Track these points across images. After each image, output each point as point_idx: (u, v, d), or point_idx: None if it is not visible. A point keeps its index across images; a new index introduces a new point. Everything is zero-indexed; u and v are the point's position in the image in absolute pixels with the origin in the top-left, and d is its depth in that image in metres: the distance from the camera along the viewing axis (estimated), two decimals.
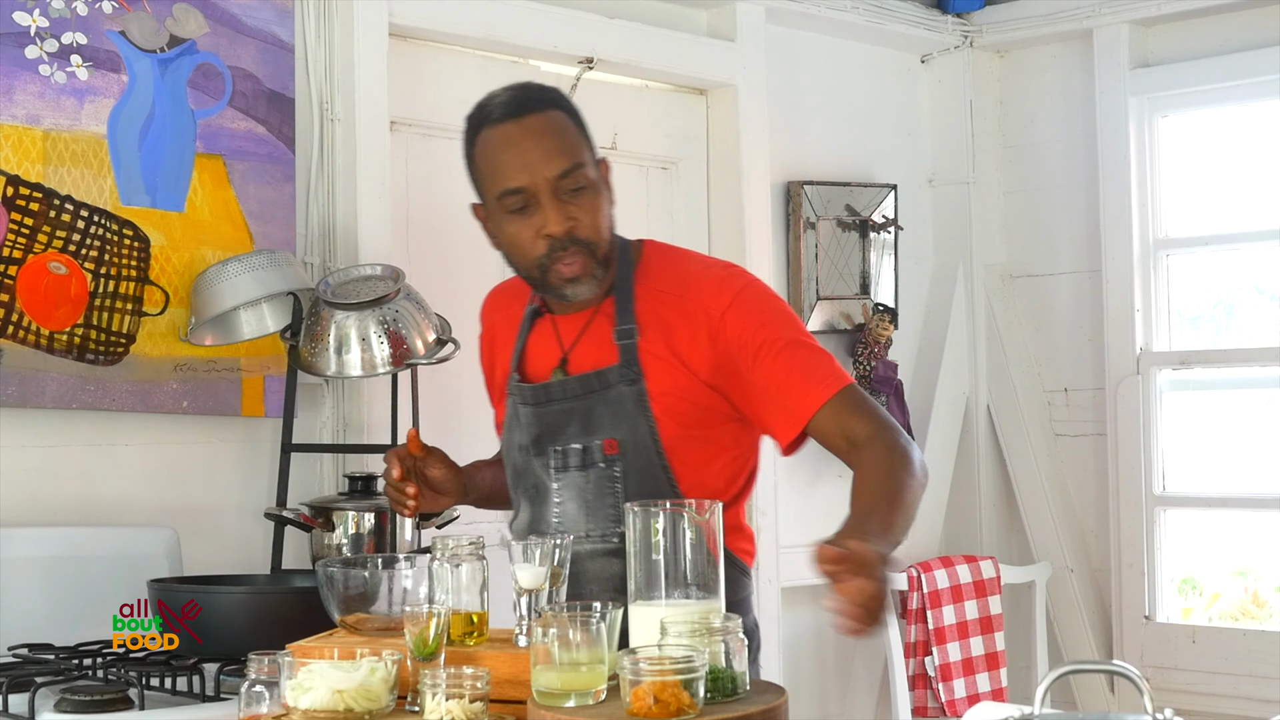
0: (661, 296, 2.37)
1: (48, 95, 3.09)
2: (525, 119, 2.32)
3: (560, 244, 2.30)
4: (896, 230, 4.85)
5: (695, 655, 1.74)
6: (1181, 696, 4.45)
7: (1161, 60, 4.76)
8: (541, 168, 2.29)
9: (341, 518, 3.20)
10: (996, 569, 4.74)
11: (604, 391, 2.35)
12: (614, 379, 2.34)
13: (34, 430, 3.09)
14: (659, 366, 2.33)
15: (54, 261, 3.08)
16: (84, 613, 2.90)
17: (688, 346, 2.32)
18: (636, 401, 2.33)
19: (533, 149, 2.30)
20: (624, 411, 2.33)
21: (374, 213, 3.60)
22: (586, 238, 2.31)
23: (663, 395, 2.33)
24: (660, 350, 2.33)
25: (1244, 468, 4.74)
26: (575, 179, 2.30)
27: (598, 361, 2.37)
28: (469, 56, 3.96)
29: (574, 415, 2.37)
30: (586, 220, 2.31)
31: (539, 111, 2.33)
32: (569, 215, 2.30)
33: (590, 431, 2.35)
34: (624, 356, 2.34)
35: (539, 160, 2.30)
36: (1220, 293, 4.84)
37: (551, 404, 2.39)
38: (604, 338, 2.37)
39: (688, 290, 2.35)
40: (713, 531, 1.96)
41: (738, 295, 2.33)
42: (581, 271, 2.32)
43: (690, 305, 2.34)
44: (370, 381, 3.45)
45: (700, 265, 2.45)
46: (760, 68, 4.49)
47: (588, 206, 2.32)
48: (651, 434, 2.32)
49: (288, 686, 1.86)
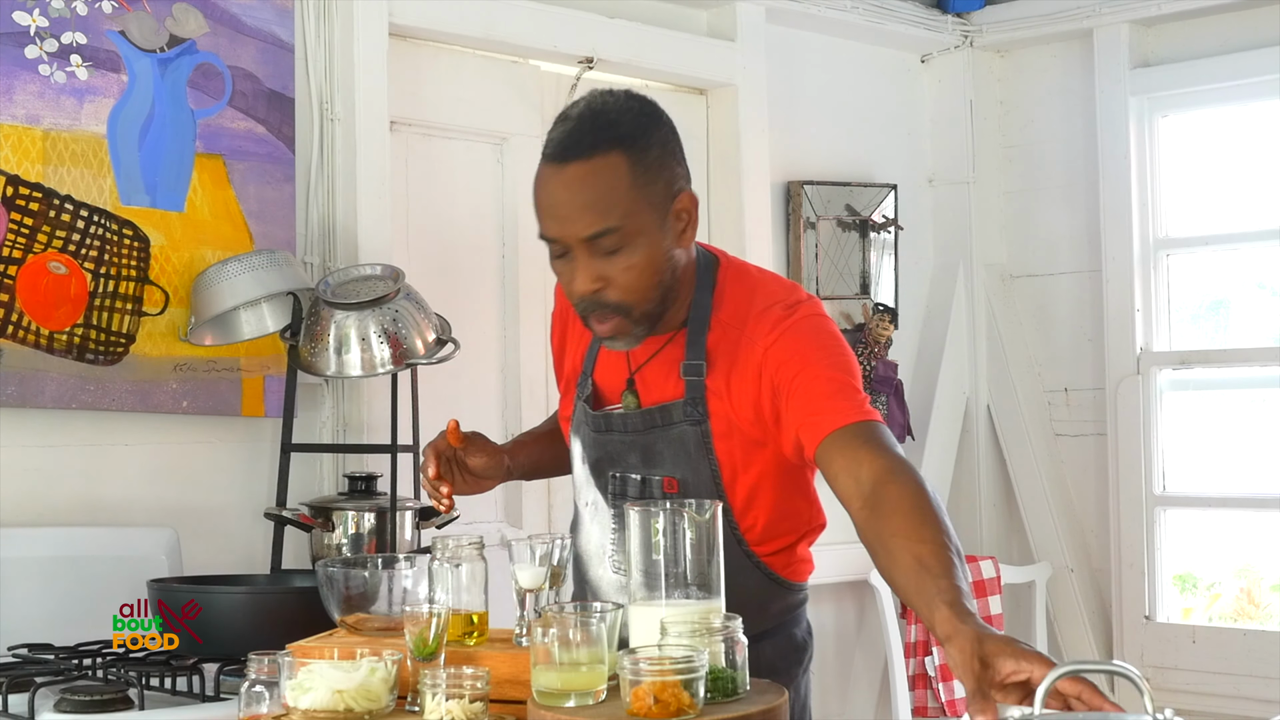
0: (727, 331, 2.23)
1: (47, 95, 3.09)
2: (568, 166, 2.11)
3: (588, 305, 2.16)
4: (896, 230, 4.85)
5: (695, 655, 1.74)
6: (1181, 696, 4.45)
7: (1161, 60, 4.76)
8: (570, 225, 2.11)
9: (341, 518, 3.20)
10: (996, 569, 4.74)
11: (666, 429, 2.23)
12: (677, 416, 2.22)
13: (34, 430, 3.09)
14: (724, 404, 2.21)
15: (54, 261, 3.08)
16: (84, 613, 2.90)
17: (753, 383, 2.18)
18: (700, 442, 2.21)
19: (564, 204, 2.11)
20: (685, 451, 2.22)
21: (374, 213, 3.59)
22: (618, 300, 2.14)
23: (726, 435, 2.21)
24: (726, 385, 2.21)
25: (1244, 467, 4.74)
26: (608, 242, 2.11)
27: (663, 395, 2.25)
28: (469, 56, 3.96)
29: (635, 447, 2.26)
30: (621, 281, 2.12)
31: (585, 158, 2.10)
32: (599, 275, 2.12)
33: (650, 465, 2.25)
34: (690, 394, 2.21)
35: (569, 217, 2.11)
36: (1220, 292, 4.84)
37: (611, 434, 2.28)
38: (672, 368, 2.24)
39: (746, 327, 2.21)
40: (713, 531, 1.96)
41: (784, 332, 2.18)
42: (615, 331, 2.17)
43: (745, 342, 2.21)
44: (370, 381, 3.45)
45: (764, 300, 2.25)
46: (760, 68, 4.49)
47: (625, 267, 2.12)
48: (714, 475, 2.22)
49: (288, 686, 1.86)
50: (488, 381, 3.96)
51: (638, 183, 2.11)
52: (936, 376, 4.95)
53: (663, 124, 2.19)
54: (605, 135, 2.11)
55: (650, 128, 2.16)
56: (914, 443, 4.84)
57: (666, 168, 2.16)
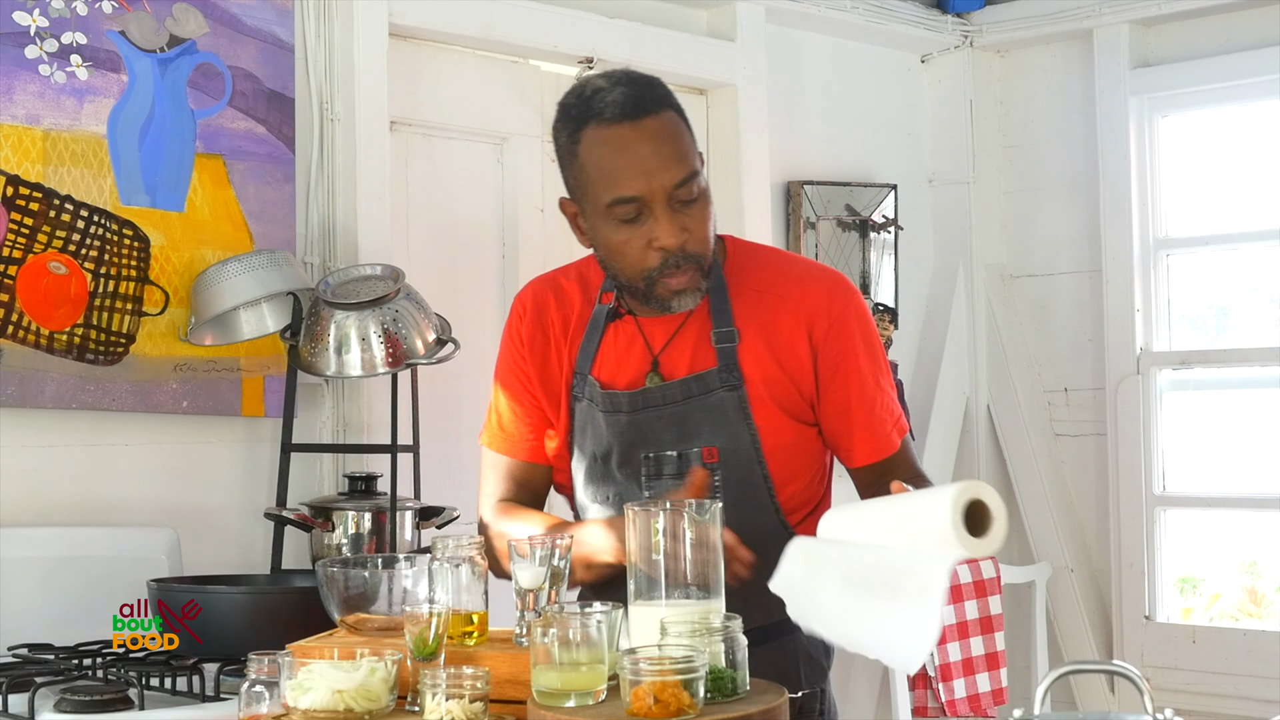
0: (764, 297, 2.28)
1: (48, 95, 3.09)
2: (643, 121, 2.17)
3: (673, 258, 2.18)
4: (896, 230, 4.85)
5: (695, 655, 1.74)
6: (1182, 696, 4.45)
7: (1161, 60, 4.76)
8: (659, 176, 2.16)
9: (341, 518, 3.20)
10: (996, 569, 4.71)
11: (703, 397, 2.25)
12: (714, 384, 2.25)
13: (34, 430, 3.09)
14: (759, 370, 2.25)
15: (54, 261, 3.08)
16: (84, 613, 2.90)
17: (788, 349, 2.26)
18: (738, 408, 2.24)
19: (650, 156, 2.16)
20: (725, 418, 2.24)
21: (374, 213, 3.59)
22: (697, 251, 2.20)
23: (762, 401, 2.25)
24: (760, 353, 2.25)
25: (1244, 467, 4.74)
26: (689, 189, 2.18)
27: (693, 365, 2.27)
28: (469, 56, 3.96)
29: (671, 422, 2.26)
30: (698, 232, 2.19)
31: (655, 113, 2.19)
32: (682, 227, 2.18)
33: (687, 438, 2.25)
34: (723, 360, 2.25)
35: (657, 168, 2.16)
36: (1220, 292, 4.84)
37: (647, 410, 2.27)
38: (700, 340, 2.27)
39: (793, 293, 2.28)
40: (713, 531, 1.96)
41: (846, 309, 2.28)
42: (689, 284, 2.21)
43: (795, 306, 2.27)
44: (370, 381, 3.45)
45: (801, 268, 2.37)
46: (760, 68, 4.49)
47: (699, 217, 2.20)
48: (754, 442, 2.25)
49: (288, 686, 1.86)
50: (488, 381, 3.94)
51: (693, 140, 2.24)
52: (936, 376, 4.95)
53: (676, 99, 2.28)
54: (657, 96, 2.22)
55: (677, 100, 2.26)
56: (914, 443, 4.83)
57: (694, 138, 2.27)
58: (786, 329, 2.26)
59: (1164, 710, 1.63)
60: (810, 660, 2.34)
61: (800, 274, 2.33)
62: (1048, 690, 1.74)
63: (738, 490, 2.24)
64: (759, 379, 2.25)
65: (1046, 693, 1.75)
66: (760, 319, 2.27)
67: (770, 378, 2.25)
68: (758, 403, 2.25)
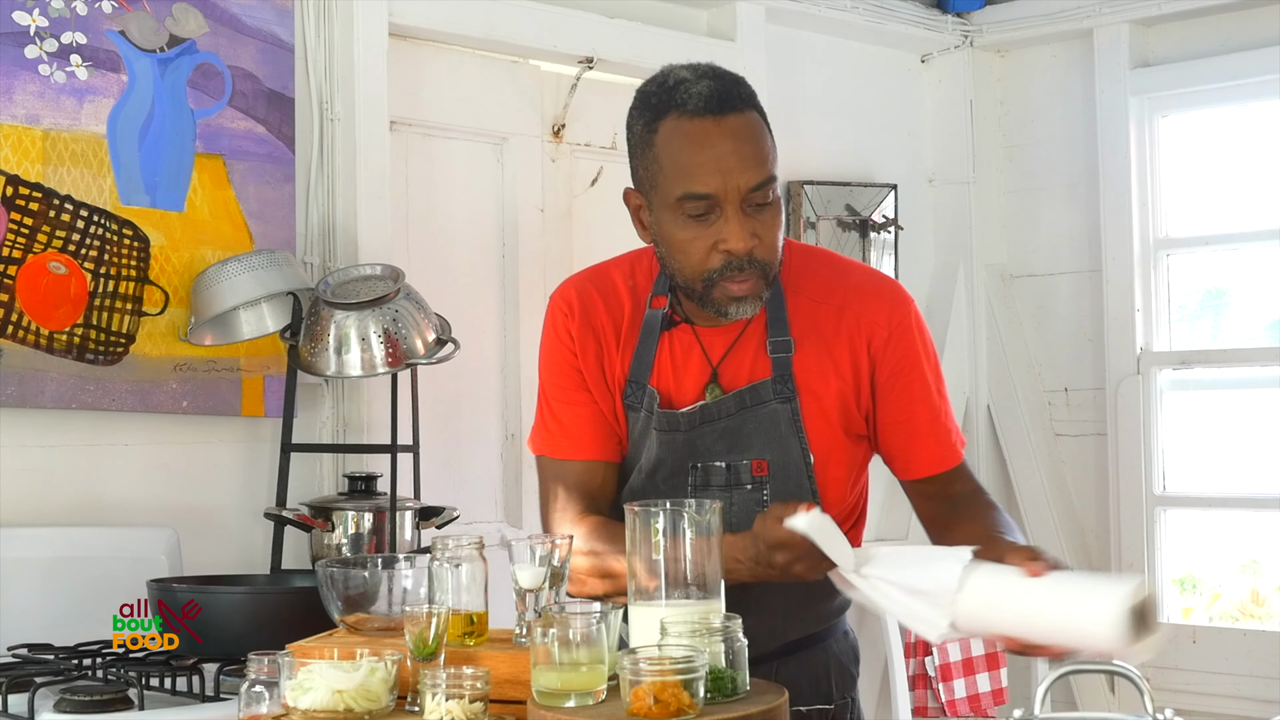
0: (820, 307, 2.23)
1: (47, 95, 3.09)
2: (728, 118, 2.11)
3: (738, 262, 2.11)
4: (896, 230, 4.85)
5: (695, 655, 1.74)
6: (1182, 696, 4.45)
7: (1161, 60, 4.76)
8: (736, 176, 2.09)
9: (341, 518, 3.20)
10: None
11: (756, 409, 2.20)
12: (767, 395, 2.20)
13: (34, 430, 3.09)
14: (815, 381, 2.20)
15: (54, 261, 3.08)
16: (84, 613, 2.90)
17: (847, 358, 2.22)
18: (790, 421, 2.19)
19: (731, 154, 2.09)
20: (776, 431, 2.19)
21: (374, 213, 3.60)
22: (764, 258, 2.12)
23: (815, 413, 2.20)
24: (817, 363, 2.21)
25: (1244, 467, 4.74)
26: (765, 193, 2.11)
27: (749, 376, 2.21)
28: (469, 56, 3.96)
29: (724, 435, 2.21)
30: (768, 239, 2.12)
31: (740, 111, 2.13)
32: (753, 232, 2.10)
33: (738, 450, 2.21)
34: (778, 371, 2.20)
35: (736, 168, 2.09)
36: (1220, 293, 4.84)
37: (704, 426, 2.21)
38: (756, 350, 2.22)
39: (852, 303, 2.23)
40: (713, 531, 1.96)
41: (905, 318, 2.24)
42: (751, 292, 2.13)
43: (854, 316, 2.22)
44: (370, 381, 3.45)
45: (860, 276, 2.31)
46: (760, 68, 4.48)
47: (770, 224, 2.13)
48: (804, 455, 2.20)
49: (288, 686, 1.86)
50: (488, 381, 3.96)
51: (774, 145, 2.16)
52: None
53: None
54: (743, 94, 2.16)
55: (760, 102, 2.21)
56: None
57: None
58: (846, 339, 2.22)
59: (1164, 710, 1.63)
60: (841, 669, 2.32)
61: (859, 283, 2.27)
62: (1048, 690, 1.74)
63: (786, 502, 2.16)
64: (814, 390, 2.20)
65: (1046, 693, 1.75)
66: (818, 328, 2.22)
67: (826, 388, 2.21)
68: (810, 415, 2.20)
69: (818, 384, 2.20)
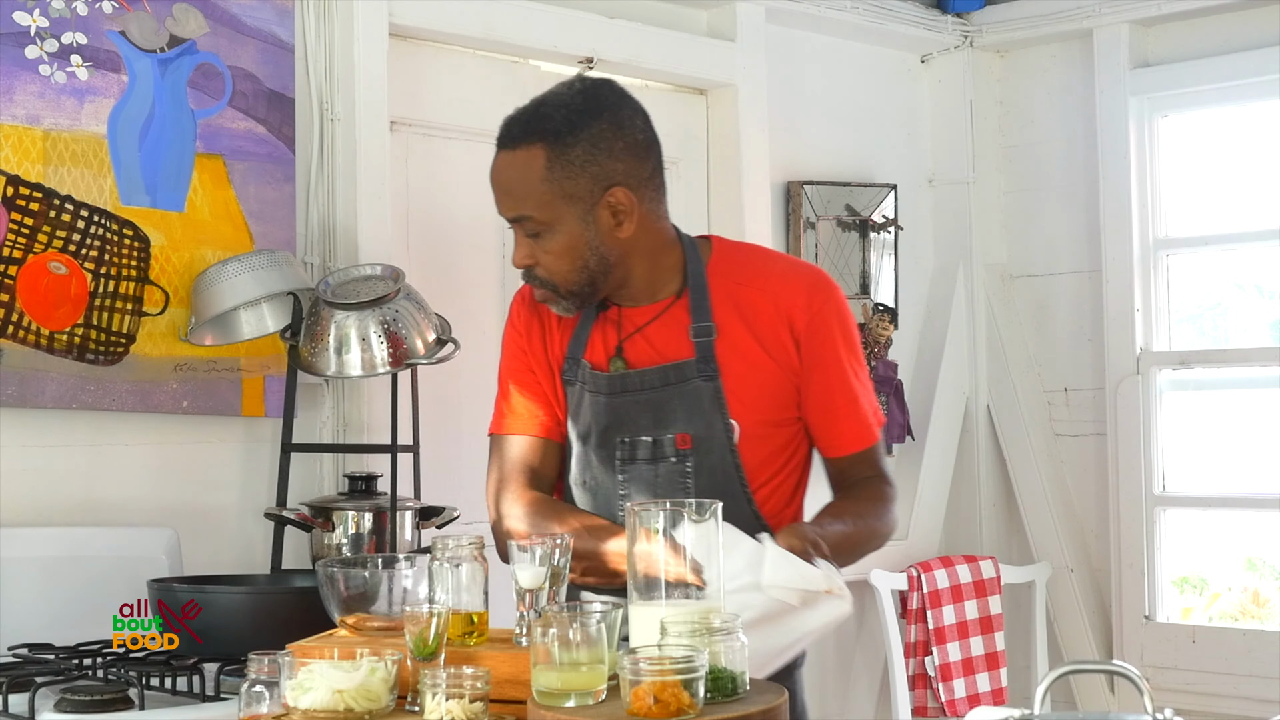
0: (745, 291, 2.38)
1: (48, 95, 3.09)
2: (500, 154, 2.34)
3: (524, 276, 2.39)
4: (896, 230, 4.85)
5: (695, 655, 1.74)
6: (1181, 696, 4.45)
7: (1161, 60, 4.76)
8: (500, 206, 2.35)
9: (341, 518, 3.20)
10: (996, 569, 4.74)
11: (680, 385, 2.34)
12: (691, 373, 2.34)
13: (34, 430, 3.09)
14: (739, 364, 2.35)
15: (54, 261, 3.08)
16: (84, 613, 2.90)
17: (773, 339, 2.35)
18: (713, 398, 2.33)
19: (496, 187, 2.35)
20: (699, 407, 2.32)
21: (374, 213, 3.59)
22: (543, 277, 2.35)
23: (739, 392, 2.34)
24: (743, 345, 2.35)
25: (1244, 467, 4.74)
26: (528, 227, 2.32)
27: (670, 355, 2.36)
28: (469, 56, 3.96)
29: (647, 408, 2.35)
30: (545, 261, 2.34)
31: (512, 149, 2.32)
32: (528, 254, 2.35)
33: (662, 425, 2.34)
34: (700, 352, 2.34)
35: (499, 199, 2.35)
36: (1220, 293, 4.84)
37: (626, 394, 2.37)
38: (679, 332, 2.37)
39: (774, 285, 2.38)
40: (713, 531, 1.96)
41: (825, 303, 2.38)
42: (545, 300, 2.39)
43: (775, 300, 2.37)
44: (370, 381, 3.45)
45: (785, 264, 2.49)
46: (760, 68, 4.49)
47: (545, 248, 2.32)
48: (726, 430, 2.33)
49: (288, 686, 1.86)
50: (488, 381, 3.92)
51: (554, 176, 2.28)
52: (936, 376, 4.95)
53: (600, 120, 2.31)
54: (533, 128, 2.30)
55: (581, 125, 2.29)
56: (914, 443, 4.84)
57: (595, 163, 2.29)
58: (769, 320, 2.36)
59: (1164, 710, 1.63)
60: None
61: (783, 270, 2.43)
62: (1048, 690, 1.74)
63: (709, 479, 2.32)
64: (737, 371, 2.34)
65: (1046, 693, 1.75)
66: (743, 311, 2.36)
67: (750, 369, 2.34)
68: (734, 395, 2.33)
69: (741, 365, 2.34)
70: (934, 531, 4.89)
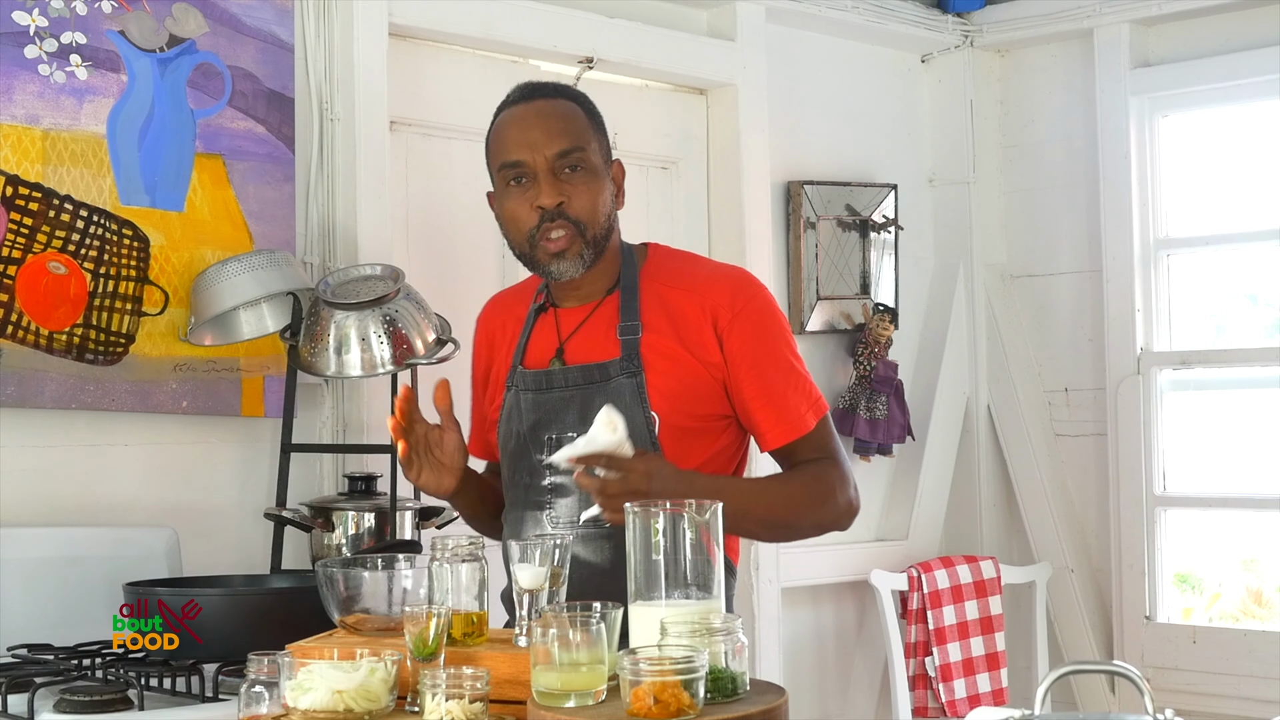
0: (671, 293, 2.47)
1: (47, 95, 3.09)
2: (535, 101, 2.46)
3: (550, 216, 2.41)
4: (896, 230, 4.85)
5: (695, 655, 1.74)
6: (1182, 697, 4.45)
7: (1162, 60, 4.76)
8: (543, 145, 2.41)
9: (341, 518, 3.20)
10: (997, 569, 4.73)
11: (604, 383, 2.43)
12: (614, 371, 2.43)
13: (34, 430, 3.09)
14: (663, 362, 2.43)
15: (53, 261, 3.08)
16: (84, 613, 2.90)
17: (696, 339, 2.43)
18: (635, 394, 2.41)
19: (536, 126, 2.43)
20: (621, 403, 2.38)
21: (374, 213, 3.59)
22: (577, 216, 2.42)
23: (662, 390, 2.42)
24: (667, 344, 2.44)
25: (1244, 468, 4.74)
26: (574, 159, 2.42)
27: (599, 354, 2.46)
28: (469, 56, 3.96)
29: (572, 404, 2.45)
30: (577, 199, 2.42)
31: (549, 98, 2.47)
32: (562, 191, 2.41)
33: (587, 421, 2.37)
34: (625, 351, 2.43)
35: (541, 138, 2.42)
36: (1221, 293, 4.84)
37: (552, 391, 2.47)
38: (607, 332, 2.47)
39: (699, 287, 2.47)
40: (712, 531, 1.96)
41: (749, 301, 2.46)
42: (566, 246, 2.42)
43: (700, 301, 2.45)
44: (370, 381, 3.45)
45: (711, 267, 2.59)
46: (760, 68, 4.48)
47: (582, 187, 2.42)
48: (648, 425, 2.40)
49: (287, 686, 1.86)
50: None
51: (592, 125, 2.48)
52: (936, 376, 4.95)
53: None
54: (557, 88, 2.53)
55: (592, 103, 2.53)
56: (914, 443, 4.84)
57: (603, 131, 2.51)
58: (694, 320, 2.44)
59: (1164, 710, 1.63)
60: None
61: (709, 272, 2.53)
62: (1048, 690, 1.74)
63: None
64: (661, 368, 2.42)
65: (1047, 693, 1.75)
66: (669, 312, 2.45)
67: (674, 366, 2.43)
68: (656, 389, 2.42)
69: (664, 361, 2.43)
70: (934, 532, 4.89)
